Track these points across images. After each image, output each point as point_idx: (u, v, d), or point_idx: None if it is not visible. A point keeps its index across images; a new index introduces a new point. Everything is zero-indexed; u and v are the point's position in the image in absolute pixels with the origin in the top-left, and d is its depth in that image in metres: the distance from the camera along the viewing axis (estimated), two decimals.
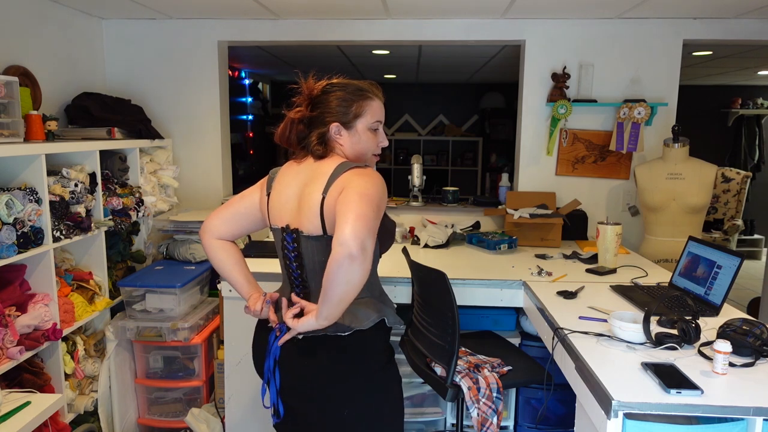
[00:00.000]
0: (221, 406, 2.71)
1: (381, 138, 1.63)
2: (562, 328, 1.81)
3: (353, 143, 1.57)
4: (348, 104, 1.55)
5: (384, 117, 1.64)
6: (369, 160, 1.63)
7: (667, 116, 3.34)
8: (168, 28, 3.45)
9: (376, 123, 1.60)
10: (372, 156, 1.63)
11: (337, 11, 3.19)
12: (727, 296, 1.94)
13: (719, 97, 6.99)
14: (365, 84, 1.59)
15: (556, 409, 2.55)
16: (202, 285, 3.02)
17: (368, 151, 1.61)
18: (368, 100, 1.57)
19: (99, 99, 3.07)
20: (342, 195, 1.40)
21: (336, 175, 1.46)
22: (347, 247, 1.28)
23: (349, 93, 1.55)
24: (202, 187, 3.59)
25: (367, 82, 1.62)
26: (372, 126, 1.59)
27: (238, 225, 1.70)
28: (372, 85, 1.61)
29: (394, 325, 1.62)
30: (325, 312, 1.39)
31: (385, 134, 1.65)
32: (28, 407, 1.83)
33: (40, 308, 2.23)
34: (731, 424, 1.36)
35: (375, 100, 1.59)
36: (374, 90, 1.60)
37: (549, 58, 3.35)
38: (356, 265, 1.29)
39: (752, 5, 2.90)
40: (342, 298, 1.36)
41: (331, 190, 1.45)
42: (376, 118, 1.59)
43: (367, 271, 1.33)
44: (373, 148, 1.62)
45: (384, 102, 1.63)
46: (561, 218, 3.07)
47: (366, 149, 1.60)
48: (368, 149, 1.60)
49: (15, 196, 2.08)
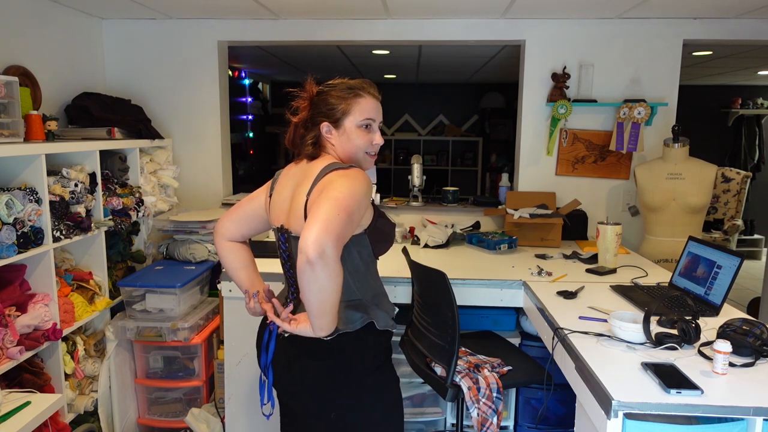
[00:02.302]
0: (221, 406, 2.71)
1: (375, 136, 1.59)
2: (562, 328, 1.81)
3: (343, 142, 1.56)
4: (337, 103, 1.54)
5: (380, 115, 1.60)
6: (363, 159, 1.59)
7: (667, 116, 3.34)
8: (168, 28, 3.45)
9: (366, 120, 1.56)
10: (365, 155, 1.59)
11: (337, 11, 3.19)
12: (727, 296, 1.94)
13: (719, 97, 6.99)
14: (357, 82, 1.58)
15: (556, 409, 2.55)
16: (202, 285, 3.02)
17: (359, 150, 1.57)
18: (357, 98, 1.55)
19: (99, 99, 3.07)
20: (318, 198, 1.40)
21: (320, 176, 1.47)
22: (305, 253, 1.27)
23: (339, 91, 1.55)
24: (202, 187, 3.59)
25: (360, 80, 1.60)
26: (361, 123, 1.55)
27: (247, 226, 1.73)
28: (364, 82, 1.59)
29: (386, 328, 1.59)
30: (315, 323, 1.40)
31: (381, 133, 1.61)
32: (28, 407, 1.83)
33: (40, 308, 2.23)
34: (731, 424, 1.36)
35: (365, 97, 1.56)
36: (365, 87, 1.57)
37: (549, 58, 3.35)
38: (318, 270, 1.28)
39: (752, 5, 2.90)
40: (320, 305, 1.35)
41: (313, 191, 1.46)
42: (365, 116, 1.56)
43: (336, 274, 1.32)
44: (365, 146, 1.57)
45: (379, 99, 1.60)
46: (561, 218, 3.07)
47: (356, 148, 1.57)
48: (359, 148, 1.57)
49: (15, 196, 2.08)
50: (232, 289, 2.43)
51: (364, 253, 1.56)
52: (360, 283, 1.56)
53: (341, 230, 1.33)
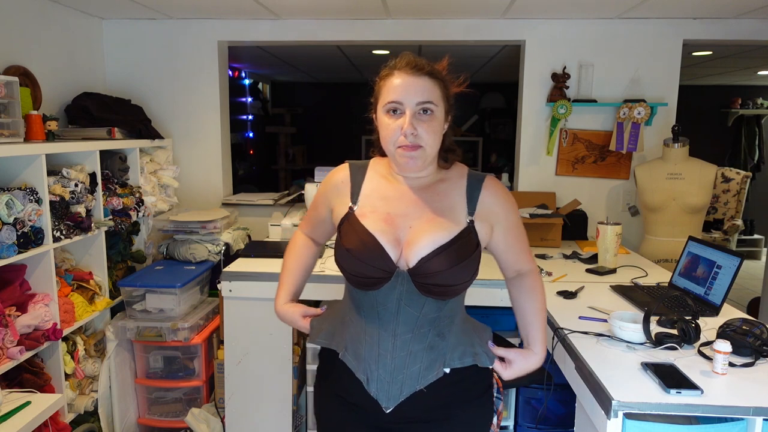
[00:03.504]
0: (221, 406, 2.71)
1: (402, 123, 1.23)
2: (562, 328, 1.81)
3: (379, 132, 1.32)
4: (375, 86, 1.32)
5: (416, 94, 1.23)
6: (393, 155, 1.28)
7: (667, 116, 3.34)
8: (168, 28, 3.45)
9: (390, 104, 1.25)
10: (396, 150, 1.26)
11: (337, 11, 3.19)
12: (726, 296, 1.94)
13: (719, 97, 6.99)
14: (398, 58, 1.30)
15: (556, 409, 2.55)
16: (202, 285, 3.02)
17: (387, 143, 1.28)
18: (387, 78, 1.28)
19: (99, 99, 3.07)
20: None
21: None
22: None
23: (381, 71, 1.32)
24: (202, 187, 3.59)
25: (403, 54, 1.31)
26: (386, 108, 1.26)
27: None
28: (403, 55, 1.29)
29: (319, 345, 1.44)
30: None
31: (411, 120, 1.23)
32: (28, 407, 1.84)
33: (40, 308, 2.23)
34: (731, 424, 1.36)
35: (393, 76, 1.26)
36: (398, 62, 1.28)
37: (549, 58, 3.35)
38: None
39: (752, 5, 2.90)
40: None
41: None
42: (390, 98, 1.25)
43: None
44: (390, 138, 1.25)
45: (419, 74, 1.25)
46: (561, 218, 3.07)
47: (384, 140, 1.29)
48: (385, 140, 1.28)
49: (15, 196, 2.08)
50: (232, 289, 2.43)
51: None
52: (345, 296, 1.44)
53: (309, 215, 1.49)
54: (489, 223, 1.33)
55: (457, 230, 1.27)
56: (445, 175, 1.35)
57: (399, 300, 1.27)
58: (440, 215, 1.29)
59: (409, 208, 1.30)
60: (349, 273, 1.29)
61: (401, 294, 1.27)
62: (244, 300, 2.43)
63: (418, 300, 1.27)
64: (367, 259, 1.25)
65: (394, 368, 1.29)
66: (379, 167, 1.39)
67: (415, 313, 1.28)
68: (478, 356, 1.35)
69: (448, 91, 1.31)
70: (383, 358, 1.29)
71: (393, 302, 1.27)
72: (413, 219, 1.29)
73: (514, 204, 1.38)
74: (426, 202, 1.31)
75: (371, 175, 1.38)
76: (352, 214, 1.33)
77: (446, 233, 1.26)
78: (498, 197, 1.34)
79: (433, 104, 1.24)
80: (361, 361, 1.32)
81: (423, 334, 1.29)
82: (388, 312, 1.28)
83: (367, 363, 1.31)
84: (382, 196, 1.33)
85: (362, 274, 1.26)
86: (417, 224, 1.28)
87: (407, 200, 1.31)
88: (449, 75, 1.33)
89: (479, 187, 1.33)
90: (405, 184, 1.34)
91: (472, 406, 1.37)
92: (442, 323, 1.31)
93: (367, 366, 1.31)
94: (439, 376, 1.31)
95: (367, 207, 1.32)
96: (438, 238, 1.25)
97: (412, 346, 1.29)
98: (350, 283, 1.33)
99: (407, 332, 1.28)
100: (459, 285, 1.27)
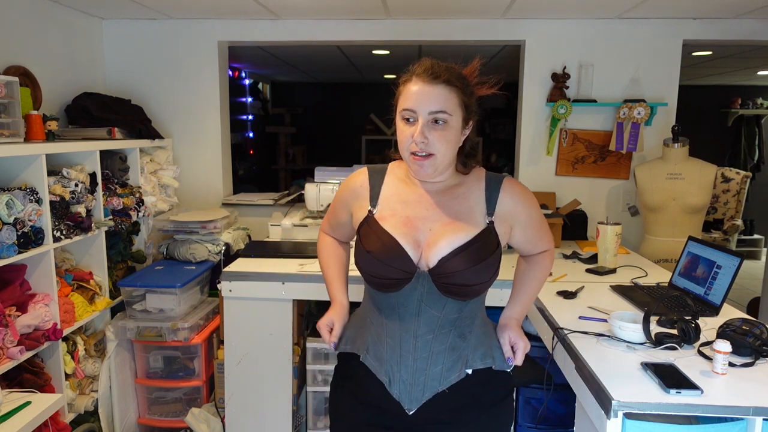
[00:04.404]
0: (221, 406, 2.71)
1: (414, 131, 1.23)
2: (562, 328, 1.81)
3: (397, 136, 1.32)
4: (397, 92, 1.31)
5: (430, 103, 1.22)
6: (408, 161, 1.28)
7: (666, 116, 3.34)
8: (168, 28, 3.45)
9: (404, 112, 1.25)
10: (407, 153, 1.26)
11: (337, 11, 3.19)
12: (726, 296, 1.94)
13: (719, 97, 6.99)
14: (417, 64, 1.28)
15: (556, 409, 2.55)
16: (202, 285, 3.02)
17: (401, 146, 1.28)
18: (405, 84, 1.27)
19: (99, 99, 3.07)
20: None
21: None
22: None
23: (402, 76, 1.31)
24: (202, 187, 3.59)
25: (423, 60, 1.28)
26: (401, 114, 1.26)
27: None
28: (422, 61, 1.27)
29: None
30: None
31: (423, 129, 1.22)
32: (28, 407, 1.84)
33: (41, 308, 2.23)
34: (731, 424, 1.36)
35: (411, 82, 1.26)
36: (416, 69, 1.27)
37: (549, 58, 3.35)
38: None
39: (752, 5, 2.90)
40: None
41: None
42: (404, 105, 1.25)
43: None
44: (404, 143, 1.26)
45: (436, 83, 1.23)
46: (561, 218, 3.07)
47: (400, 147, 1.29)
48: (400, 144, 1.28)
49: (15, 196, 2.08)
50: (232, 289, 2.43)
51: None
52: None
53: (330, 215, 1.50)
54: (508, 224, 1.36)
55: (476, 231, 1.29)
56: (463, 179, 1.37)
57: (420, 301, 1.28)
58: (459, 218, 1.30)
59: (428, 211, 1.32)
60: (369, 275, 1.30)
61: (422, 295, 1.28)
62: (244, 300, 2.44)
63: (439, 300, 1.28)
64: (388, 261, 1.26)
65: (416, 369, 1.29)
66: (398, 171, 1.40)
67: (436, 313, 1.29)
68: (496, 360, 1.38)
69: (468, 97, 1.30)
70: (405, 360, 1.30)
71: (414, 303, 1.28)
72: (432, 222, 1.30)
73: (533, 200, 1.40)
74: (445, 206, 1.32)
75: (390, 179, 1.39)
76: (372, 217, 1.34)
77: (465, 234, 1.28)
78: (517, 197, 1.35)
79: (447, 113, 1.23)
80: (383, 362, 1.33)
81: (444, 335, 1.30)
82: (408, 313, 1.29)
83: (389, 364, 1.32)
84: (402, 200, 1.34)
85: (383, 275, 1.27)
86: (436, 227, 1.29)
87: (426, 204, 1.33)
88: (478, 78, 1.34)
89: (498, 189, 1.34)
90: (422, 188, 1.35)
91: (494, 409, 1.37)
92: (463, 324, 1.31)
93: (389, 367, 1.32)
94: (461, 377, 1.32)
95: (387, 210, 1.33)
96: (457, 239, 1.27)
97: (433, 347, 1.30)
98: (371, 286, 1.34)
99: (428, 333, 1.29)
100: (479, 285, 1.28)
